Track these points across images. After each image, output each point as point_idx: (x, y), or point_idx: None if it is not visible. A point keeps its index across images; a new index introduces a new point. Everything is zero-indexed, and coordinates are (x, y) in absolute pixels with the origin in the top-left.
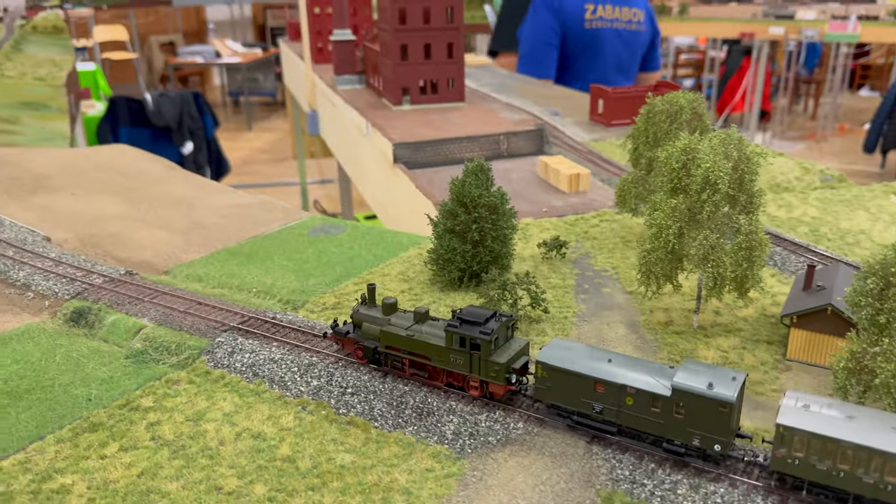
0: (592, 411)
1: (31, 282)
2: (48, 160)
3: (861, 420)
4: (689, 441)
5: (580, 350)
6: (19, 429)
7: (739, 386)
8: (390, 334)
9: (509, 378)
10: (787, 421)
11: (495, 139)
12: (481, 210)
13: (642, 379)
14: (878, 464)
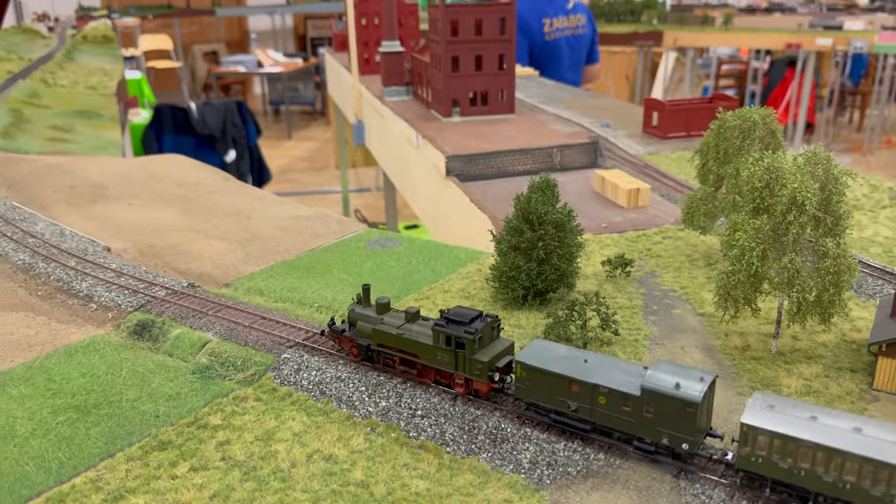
0: (568, 409)
1: (94, 293)
2: (104, 169)
3: (823, 421)
4: (659, 439)
5: (559, 350)
6: (89, 445)
7: (707, 387)
8: (382, 332)
9: (492, 376)
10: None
11: (548, 152)
12: (547, 227)
13: (615, 379)
14: (837, 463)
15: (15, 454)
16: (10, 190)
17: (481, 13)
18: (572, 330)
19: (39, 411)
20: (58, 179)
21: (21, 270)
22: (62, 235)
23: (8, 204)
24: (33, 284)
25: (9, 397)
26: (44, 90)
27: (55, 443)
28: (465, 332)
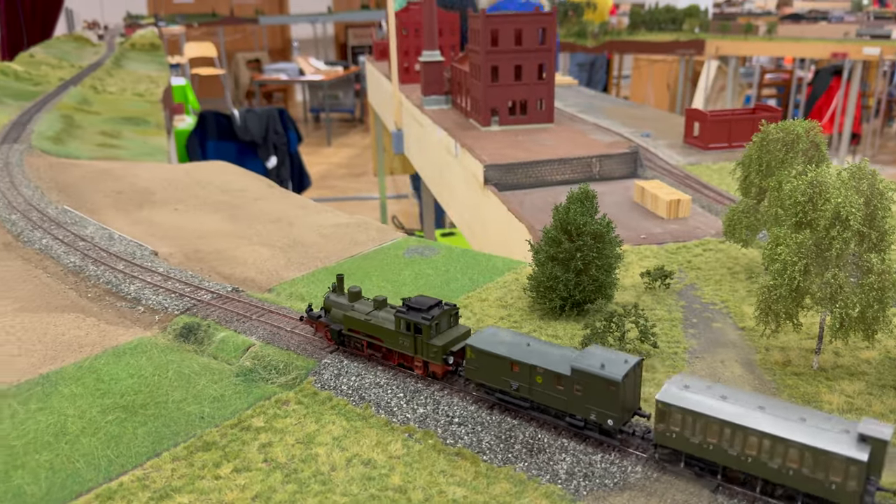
0: (511, 388)
1: (142, 296)
2: (151, 175)
3: (732, 400)
4: (587, 415)
5: (505, 336)
6: (136, 444)
7: (629, 368)
8: (352, 318)
9: (447, 359)
10: (666, 398)
11: (588, 161)
12: (586, 238)
13: (550, 360)
14: (740, 438)
15: (66, 451)
16: (62, 194)
17: (521, 23)
18: (610, 342)
19: (89, 410)
20: (107, 184)
21: (72, 273)
22: (111, 239)
23: (59, 208)
24: (83, 287)
25: (60, 396)
26: (93, 97)
27: (104, 441)
28: (422, 319)
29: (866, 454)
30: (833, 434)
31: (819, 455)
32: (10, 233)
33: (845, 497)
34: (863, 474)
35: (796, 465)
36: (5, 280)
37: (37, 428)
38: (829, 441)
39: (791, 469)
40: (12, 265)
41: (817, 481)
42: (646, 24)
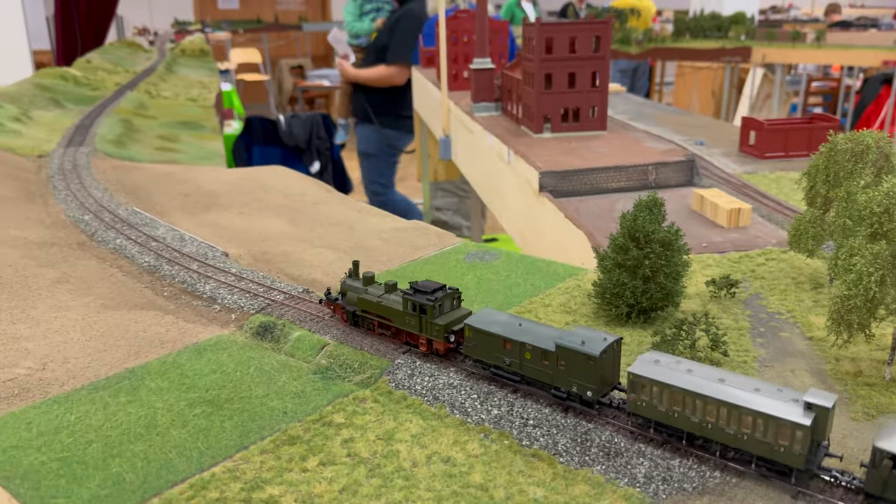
0: (504, 364)
1: (217, 295)
2: (214, 178)
3: (696, 373)
4: (570, 388)
5: (500, 317)
6: (224, 437)
7: (607, 346)
8: (365, 300)
9: (448, 337)
10: (636, 370)
11: (643, 169)
12: (654, 246)
13: (538, 338)
14: (700, 405)
15: (159, 442)
16: (129, 196)
17: (576, 31)
18: (681, 349)
19: (177, 403)
20: (172, 187)
21: (147, 272)
22: (182, 240)
23: (130, 209)
24: (159, 286)
25: (148, 389)
26: (149, 101)
27: (193, 433)
28: (426, 300)
29: (810, 420)
30: (782, 403)
31: (769, 421)
32: (84, 232)
33: (792, 458)
34: (807, 438)
35: (749, 431)
36: (84, 278)
37: (128, 419)
38: (778, 408)
39: (745, 434)
40: (89, 264)
41: (768, 445)
42: (690, 30)
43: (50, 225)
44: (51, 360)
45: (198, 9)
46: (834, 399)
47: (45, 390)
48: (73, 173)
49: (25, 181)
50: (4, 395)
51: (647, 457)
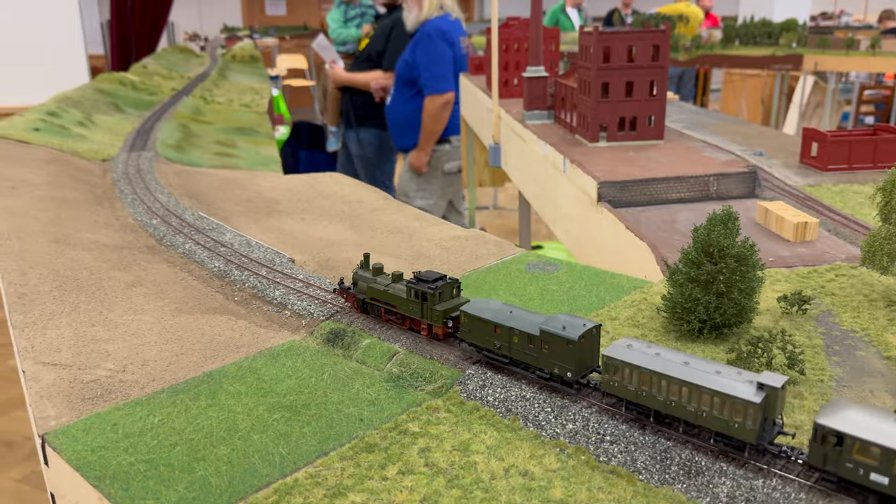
0: (495, 347)
1: (287, 301)
2: (273, 185)
3: (664, 356)
4: (552, 369)
5: (493, 305)
6: (305, 442)
7: (585, 331)
8: (374, 289)
9: (446, 322)
10: (610, 353)
11: (704, 180)
12: (728, 260)
13: (525, 324)
14: (665, 385)
15: (241, 447)
16: (193, 200)
17: (634, 40)
18: (756, 367)
19: (256, 408)
20: (234, 192)
21: (217, 277)
22: (249, 246)
23: (196, 214)
24: (230, 290)
25: (227, 394)
26: (204, 107)
27: (274, 438)
28: (427, 288)
29: (761, 398)
30: (738, 383)
31: (724, 399)
32: (153, 236)
33: (745, 433)
34: (759, 415)
35: (708, 408)
36: (158, 283)
37: (209, 423)
38: (733, 388)
39: (704, 411)
40: (160, 268)
41: (724, 421)
42: (741, 37)
43: (119, 228)
44: (130, 362)
45: (246, 15)
46: (784, 380)
47: (127, 392)
48: (137, 177)
49: (92, 185)
50: (89, 395)
51: (730, 476)
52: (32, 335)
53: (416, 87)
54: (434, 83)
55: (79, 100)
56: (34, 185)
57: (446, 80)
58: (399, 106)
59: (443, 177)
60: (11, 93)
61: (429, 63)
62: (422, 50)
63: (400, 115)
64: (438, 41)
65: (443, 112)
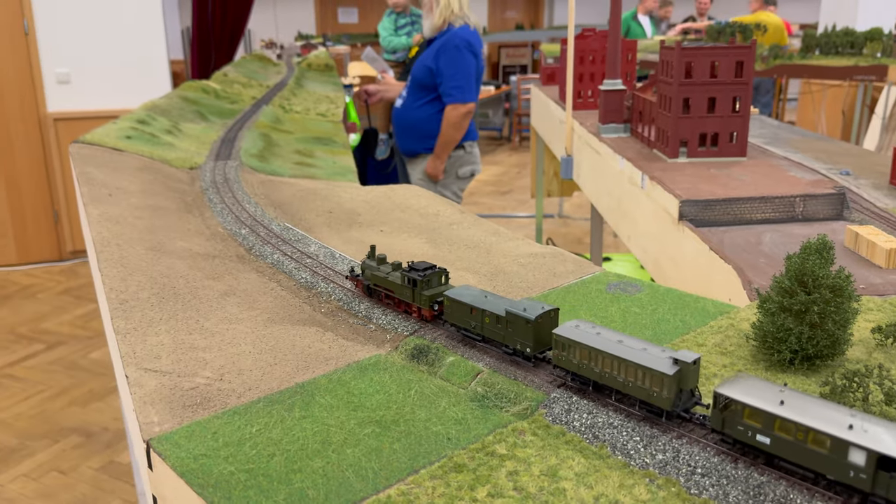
0: (471, 326)
1: (372, 314)
2: (352, 196)
3: (603, 335)
4: (515, 345)
5: (474, 291)
6: (395, 459)
7: (544, 313)
8: (376, 276)
9: (433, 306)
10: (558, 332)
11: (790, 201)
12: (823, 291)
13: (495, 307)
14: (600, 359)
15: (335, 460)
16: (277, 210)
17: (717, 55)
18: (851, 401)
19: (347, 422)
20: (316, 203)
21: (304, 288)
22: (333, 257)
23: (282, 225)
24: (316, 302)
25: (319, 406)
26: (283, 116)
27: (366, 453)
28: (418, 275)
29: (674, 371)
30: (659, 358)
31: (646, 371)
32: (243, 246)
33: (662, 401)
34: (673, 385)
35: (633, 379)
36: (249, 292)
37: (304, 435)
38: (653, 362)
39: (630, 382)
40: (250, 277)
41: (646, 390)
42: (820, 47)
43: (210, 237)
44: (227, 371)
45: (319, 23)
46: (696, 356)
47: (224, 401)
48: (224, 186)
49: (182, 193)
50: (189, 403)
51: None
52: (134, 341)
53: (432, 94)
54: (458, 93)
55: (166, 108)
56: (129, 192)
57: (470, 90)
58: (411, 111)
59: (456, 181)
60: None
61: (453, 73)
62: (447, 59)
63: (410, 119)
64: (465, 51)
65: (464, 121)
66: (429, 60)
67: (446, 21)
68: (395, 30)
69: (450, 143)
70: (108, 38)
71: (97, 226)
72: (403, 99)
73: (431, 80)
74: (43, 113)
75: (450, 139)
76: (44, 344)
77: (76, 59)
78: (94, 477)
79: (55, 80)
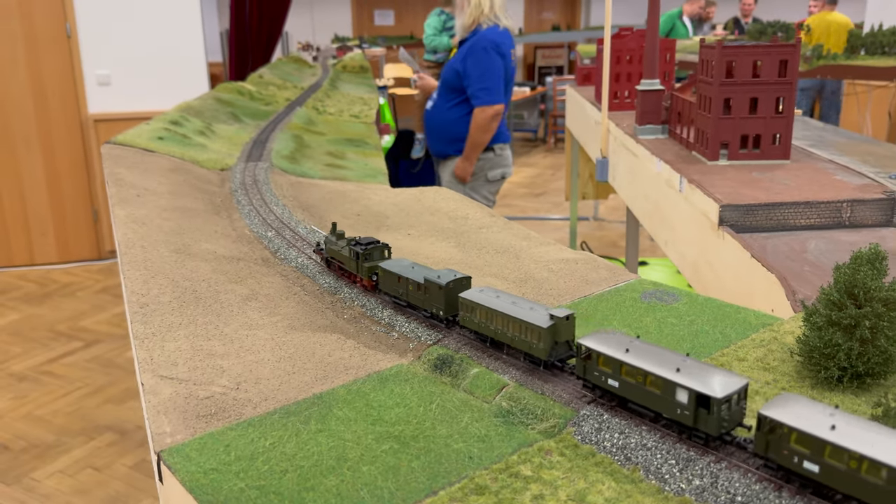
0: (399, 294)
1: (395, 322)
2: (382, 198)
3: (501, 297)
4: (431, 309)
5: (404, 262)
6: (413, 478)
7: (455, 279)
8: (333, 250)
9: (372, 277)
10: (463, 295)
11: (836, 206)
12: (875, 304)
13: (416, 275)
14: (493, 318)
15: (350, 478)
16: (305, 213)
17: (760, 54)
18: None
19: (364, 437)
20: (345, 206)
21: (327, 293)
22: None
23: (308, 227)
24: (339, 307)
25: (336, 419)
26: (316, 117)
27: (383, 471)
28: (360, 249)
29: (548, 325)
30: (538, 315)
31: (527, 326)
32: (268, 249)
33: (539, 351)
34: (548, 338)
35: (518, 334)
36: (271, 297)
37: (319, 450)
38: (533, 318)
39: (517, 336)
40: (273, 281)
41: (527, 342)
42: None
43: (236, 239)
44: (244, 379)
45: (356, 25)
46: (569, 313)
47: (240, 411)
48: (253, 188)
49: (211, 194)
50: (203, 412)
51: None
52: (151, 347)
53: (462, 96)
54: (485, 95)
55: (200, 109)
56: (158, 193)
57: (497, 92)
58: (441, 113)
59: (486, 184)
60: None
61: (480, 75)
62: (473, 61)
63: (440, 122)
64: (492, 53)
65: (492, 123)
66: (456, 63)
67: (476, 21)
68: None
69: (478, 146)
70: (147, 41)
71: (123, 227)
72: (434, 101)
73: (459, 83)
74: (84, 114)
75: (478, 141)
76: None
77: (116, 61)
78: (128, 475)
79: (96, 82)
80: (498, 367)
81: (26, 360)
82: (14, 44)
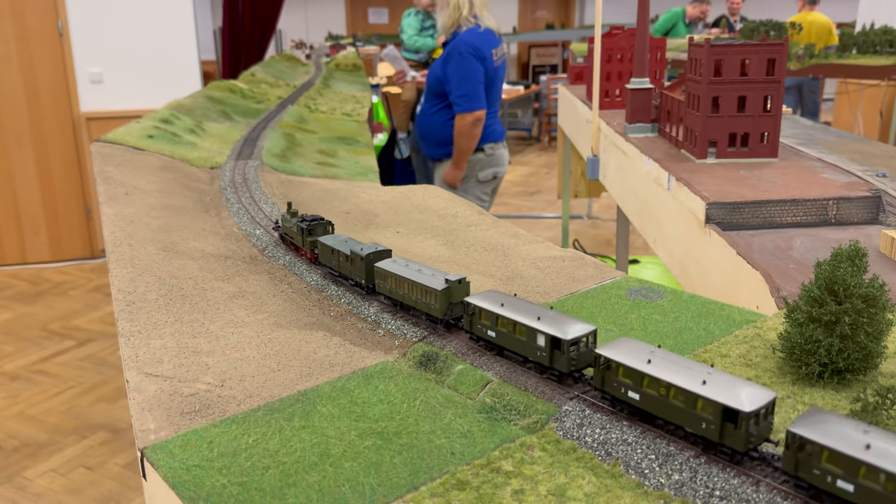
0: (333, 265)
1: (381, 319)
2: (371, 196)
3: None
4: (356, 278)
5: (341, 237)
6: (395, 474)
7: (375, 251)
8: (286, 227)
9: (313, 250)
10: (378, 265)
11: (822, 204)
12: (855, 301)
13: (347, 247)
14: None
15: (332, 474)
16: None
17: (748, 53)
18: (884, 420)
19: (348, 433)
20: (334, 204)
21: (314, 290)
22: None
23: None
24: (326, 305)
25: (320, 415)
26: (308, 115)
27: (365, 467)
28: (304, 224)
29: (443, 287)
30: (435, 280)
31: (425, 289)
32: (256, 247)
33: (436, 311)
34: (444, 300)
35: (420, 297)
36: (258, 294)
37: (302, 447)
38: (430, 282)
39: (419, 299)
40: (260, 279)
41: (427, 304)
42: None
43: (224, 237)
44: (229, 377)
45: (350, 23)
46: (461, 277)
47: (224, 408)
48: (243, 186)
49: (200, 192)
50: (187, 410)
51: None
52: (137, 344)
53: (445, 101)
54: (465, 102)
55: (191, 107)
56: (147, 191)
57: (476, 98)
58: (427, 117)
59: (478, 185)
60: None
61: (459, 81)
62: (452, 66)
63: (427, 125)
64: (469, 57)
65: (473, 129)
66: (437, 68)
67: (456, 23)
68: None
69: (464, 152)
70: (140, 39)
71: (111, 225)
72: (421, 106)
73: (442, 88)
74: (77, 112)
75: (463, 148)
76: (74, 341)
77: (109, 59)
78: (120, 473)
79: (88, 80)
80: (483, 363)
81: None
82: (6, 42)
